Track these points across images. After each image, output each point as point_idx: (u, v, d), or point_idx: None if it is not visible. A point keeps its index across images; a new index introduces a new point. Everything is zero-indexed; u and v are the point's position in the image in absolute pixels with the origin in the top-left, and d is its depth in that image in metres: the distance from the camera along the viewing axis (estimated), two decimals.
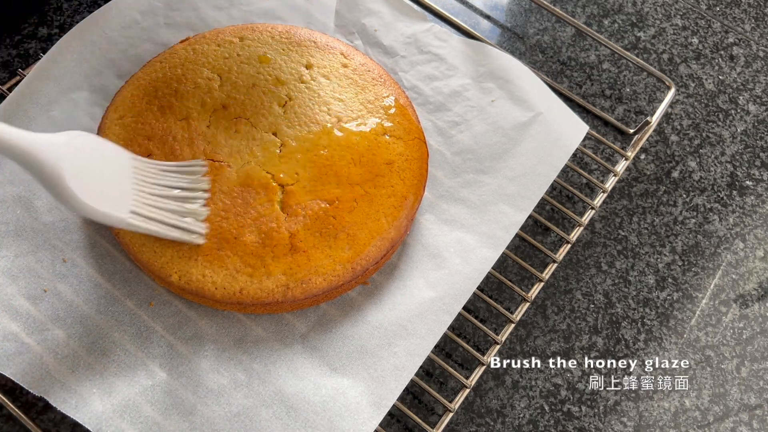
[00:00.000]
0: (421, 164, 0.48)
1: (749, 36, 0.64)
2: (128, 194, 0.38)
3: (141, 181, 0.39)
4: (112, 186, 0.37)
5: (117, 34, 0.53)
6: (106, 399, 0.41)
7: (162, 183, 0.40)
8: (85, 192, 0.35)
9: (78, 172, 0.34)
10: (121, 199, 0.37)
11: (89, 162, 0.36)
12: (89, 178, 0.35)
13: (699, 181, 0.57)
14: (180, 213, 0.40)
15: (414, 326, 0.45)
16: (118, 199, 0.37)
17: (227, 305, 0.44)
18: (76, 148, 0.35)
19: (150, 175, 0.40)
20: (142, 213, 0.38)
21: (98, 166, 0.36)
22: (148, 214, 0.39)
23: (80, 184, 0.34)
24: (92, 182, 0.35)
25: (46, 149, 0.33)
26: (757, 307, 0.52)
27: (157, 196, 0.40)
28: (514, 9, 0.64)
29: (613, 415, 0.48)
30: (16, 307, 0.43)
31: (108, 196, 0.36)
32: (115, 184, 0.37)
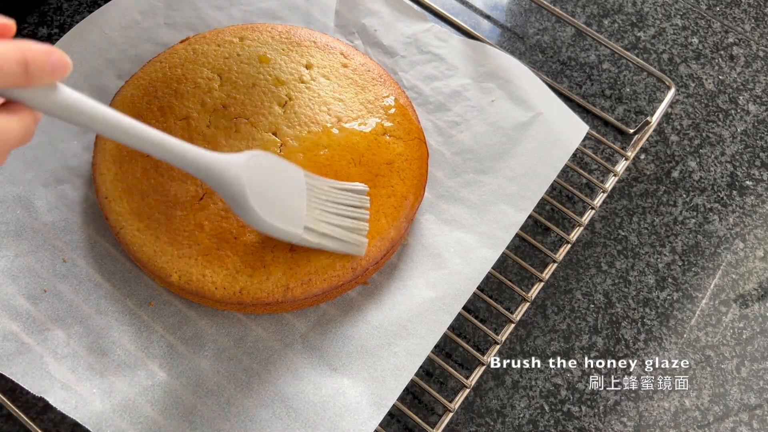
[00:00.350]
0: (421, 164, 0.48)
1: (749, 36, 0.64)
2: (302, 210, 0.40)
3: (314, 197, 0.41)
4: (288, 203, 0.39)
5: (117, 34, 0.53)
6: (106, 399, 0.41)
7: (333, 200, 0.42)
8: (264, 208, 0.37)
9: (258, 189, 0.37)
10: (296, 215, 0.40)
11: (267, 180, 0.38)
12: (268, 195, 0.38)
13: (699, 181, 0.57)
14: (347, 228, 0.42)
15: (414, 326, 0.45)
16: (293, 215, 0.39)
17: (227, 305, 0.44)
18: (256, 167, 0.38)
19: (322, 192, 0.42)
20: (315, 229, 0.41)
21: (275, 183, 0.39)
22: (320, 230, 0.41)
23: (260, 201, 0.37)
24: (270, 199, 0.38)
25: (232, 168, 0.36)
26: (757, 307, 0.52)
27: (326, 212, 0.42)
28: (514, 9, 0.64)
29: (613, 415, 0.48)
30: (16, 307, 0.43)
31: (284, 212, 0.39)
32: (291, 200, 0.40)
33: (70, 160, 0.49)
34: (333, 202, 0.42)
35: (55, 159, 0.48)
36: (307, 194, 0.41)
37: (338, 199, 0.43)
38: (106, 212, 0.45)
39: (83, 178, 0.49)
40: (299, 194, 0.40)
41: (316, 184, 0.42)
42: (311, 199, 0.41)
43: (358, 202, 0.43)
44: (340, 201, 0.43)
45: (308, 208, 0.41)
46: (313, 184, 0.42)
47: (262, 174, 0.38)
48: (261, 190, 0.37)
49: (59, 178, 0.48)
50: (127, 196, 0.45)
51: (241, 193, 0.36)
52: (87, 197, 0.48)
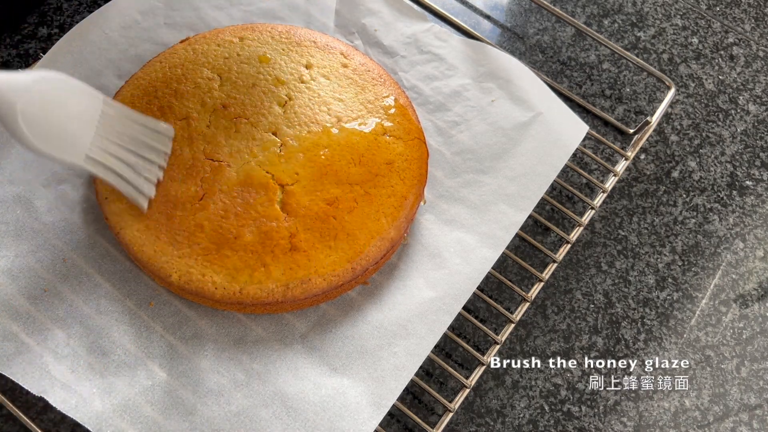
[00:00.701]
0: (421, 164, 0.48)
1: (749, 36, 0.64)
2: (88, 139, 0.39)
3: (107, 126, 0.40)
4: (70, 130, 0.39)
5: (117, 34, 0.53)
6: (106, 399, 0.41)
7: (127, 133, 0.41)
8: (38, 133, 0.37)
9: (35, 112, 0.36)
10: (79, 142, 0.39)
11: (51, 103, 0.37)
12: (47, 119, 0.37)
13: (699, 181, 0.57)
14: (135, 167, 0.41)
15: (414, 326, 0.45)
16: (75, 143, 0.39)
17: (227, 305, 0.44)
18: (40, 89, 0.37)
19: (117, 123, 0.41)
20: (99, 161, 0.40)
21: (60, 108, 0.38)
22: (103, 161, 0.40)
23: (34, 125, 0.36)
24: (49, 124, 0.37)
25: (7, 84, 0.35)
26: (757, 307, 0.52)
27: (117, 145, 0.41)
28: (514, 9, 0.64)
29: (613, 415, 0.48)
30: (16, 307, 0.43)
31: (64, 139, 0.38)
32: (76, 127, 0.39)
33: None
34: (128, 136, 0.41)
35: None
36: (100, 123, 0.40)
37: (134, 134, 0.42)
38: (106, 212, 0.45)
39: (83, 178, 0.49)
40: (88, 122, 0.40)
41: (114, 114, 0.41)
42: (105, 128, 0.40)
43: (156, 143, 0.42)
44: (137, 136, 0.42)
45: (98, 138, 0.40)
46: (110, 114, 0.41)
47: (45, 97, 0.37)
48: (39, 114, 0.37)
49: (59, 178, 0.48)
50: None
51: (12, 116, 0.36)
52: (87, 197, 0.48)
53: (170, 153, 0.43)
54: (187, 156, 0.45)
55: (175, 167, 0.45)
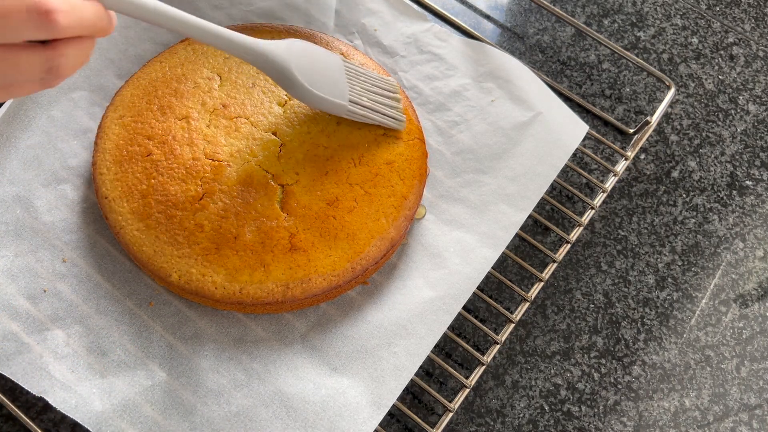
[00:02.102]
0: (421, 164, 0.48)
1: (749, 36, 0.64)
2: (345, 86, 0.45)
3: (353, 78, 0.46)
4: (331, 79, 0.44)
5: (117, 33, 0.53)
6: (106, 399, 0.41)
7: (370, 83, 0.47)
8: (311, 82, 0.42)
9: (303, 67, 0.42)
10: (340, 89, 0.45)
11: (309, 60, 0.43)
12: (312, 72, 0.43)
13: (699, 181, 0.57)
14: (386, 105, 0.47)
15: (414, 326, 0.45)
16: (337, 90, 0.44)
17: (227, 305, 0.44)
18: (297, 50, 0.42)
19: (360, 75, 0.47)
20: (359, 102, 0.45)
21: (317, 64, 0.44)
22: (364, 103, 0.46)
23: (306, 77, 0.42)
24: (315, 75, 0.43)
25: (277, 50, 0.41)
26: (757, 307, 0.52)
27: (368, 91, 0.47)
28: (514, 9, 0.64)
29: (613, 415, 0.48)
30: (16, 307, 0.43)
31: (329, 86, 0.44)
32: (333, 79, 0.44)
33: (70, 160, 0.49)
34: (370, 83, 0.47)
35: (55, 159, 0.48)
36: (346, 75, 0.45)
37: (373, 82, 0.48)
38: (106, 212, 0.45)
39: (83, 178, 0.49)
40: (339, 73, 0.45)
41: (353, 67, 0.47)
42: (350, 79, 0.46)
43: (390, 88, 0.48)
44: (376, 84, 0.48)
45: (349, 86, 0.45)
46: (351, 67, 0.46)
47: (303, 55, 0.43)
48: (305, 68, 0.42)
49: (59, 178, 0.48)
50: (127, 196, 0.45)
51: (289, 70, 0.41)
52: (87, 197, 0.48)
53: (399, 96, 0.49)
54: (187, 156, 0.45)
55: (175, 167, 0.45)
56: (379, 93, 0.47)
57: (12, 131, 0.48)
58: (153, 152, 0.46)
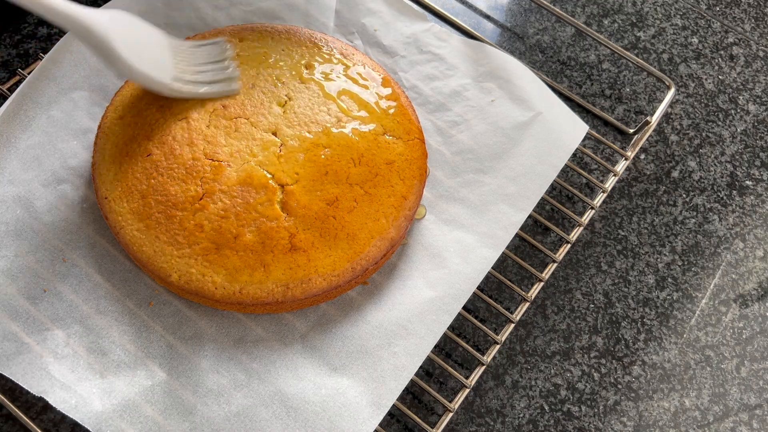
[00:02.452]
0: (421, 164, 0.48)
1: (749, 36, 0.64)
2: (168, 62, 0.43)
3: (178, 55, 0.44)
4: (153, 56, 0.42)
5: None
6: (106, 399, 0.41)
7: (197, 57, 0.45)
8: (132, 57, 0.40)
9: (124, 41, 0.39)
10: (163, 66, 0.42)
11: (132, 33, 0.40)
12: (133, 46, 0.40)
13: (699, 181, 0.57)
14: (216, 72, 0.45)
15: (414, 326, 0.45)
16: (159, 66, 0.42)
17: (227, 305, 0.44)
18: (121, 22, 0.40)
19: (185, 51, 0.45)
20: (183, 78, 0.43)
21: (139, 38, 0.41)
22: (189, 78, 0.44)
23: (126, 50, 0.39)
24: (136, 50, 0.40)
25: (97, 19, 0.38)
26: (757, 307, 0.52)
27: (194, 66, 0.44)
28: (514, 9, 0.64)
29: (613, 414, 0.48)
30: (16, 307, 0.43)
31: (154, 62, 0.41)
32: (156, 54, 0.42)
33: (70, 160, 0.49)
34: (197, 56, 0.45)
35: (55, 159, 0.48)
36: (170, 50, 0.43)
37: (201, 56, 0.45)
38: (106, 212, 0.45)
39: (83, 178, 0.49)
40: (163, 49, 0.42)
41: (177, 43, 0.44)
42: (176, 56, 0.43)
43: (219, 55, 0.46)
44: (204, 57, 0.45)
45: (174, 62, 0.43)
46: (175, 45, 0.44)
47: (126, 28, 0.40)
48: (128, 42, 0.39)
49: (59, 178, 0.48)
50: (127, 196, 0.45)
51: (108, 44, 0.38)
52: (87, 197, 0.48)
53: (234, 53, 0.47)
54: (187, 156, 0.45)
55: (175, 167, 0.45)
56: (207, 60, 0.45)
57: (12, 131, 0.48)
58: (153, 152, 0.46)
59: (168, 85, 0.42)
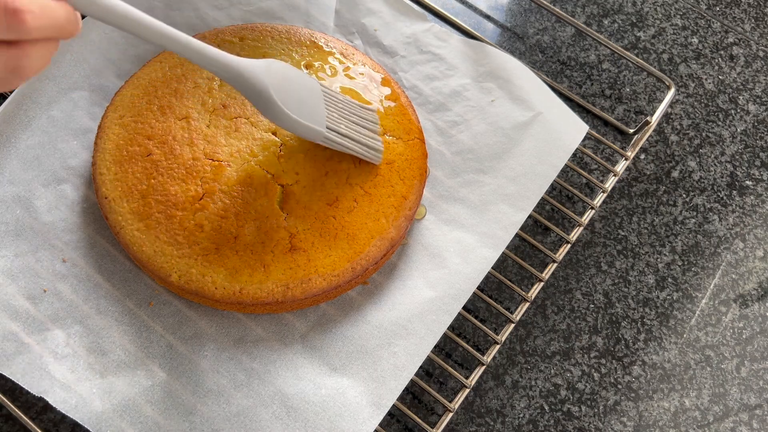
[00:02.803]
0: (421, 164, 0.48)
1: (749, 36, 0.64)
2: (322, 112, 0.43)
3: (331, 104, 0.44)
4: (308, 103, 0.42)
5: (117, 34, 0.53)
6: (106, 399, 0.41)
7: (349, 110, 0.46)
8: (288, 105, 0.40)
9: (280, 89, 0.40)
10: (317, 114, 0.43)
11: (287, 82, 0.41)
12: (290, 95, 0.41)
13: (699, 181, 0.57)
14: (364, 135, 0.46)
15: (414, 326, 0.45)
16: (314, 115, 0.43)
17: (227, 305, 0.44)
18: (276, 71, 0.41)
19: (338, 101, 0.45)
20: (336, 130, 0.44)
21: (295, 86, 0.42)
22: (341, 131, 0.44)
23: (284, 99, 0.40)
24: (293, 98, 0.41)
25: (256, 70, 0.39)
26: (757, 307, 0.52)
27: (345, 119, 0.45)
28: (514, 9, 0.64)
29: (613, 414, 0.48)
30: (16, 307, 0.43)
31: (306, 111, 0.42)
32: (311, 102, 0.43)
33: (70, 160, 0.49)
34: (349, 111, 0.46)
35: (55, 159, 0.48)
36: (324, 101, 0.44)
37: (352, 110, 0.46)
38: (106, 212, 0.45)
39: (83, 178, 0.49)
40: (317, 98, 0.43)
41: (332, 93, 0.45)
42: (328, 105, 0.44)
43: (370, 118, 0.47)
44: (355, 112, 0.46)
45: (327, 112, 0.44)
46: (329, 93, 0.45)
47: (282, 77, 0.41)
48: (283, 90, 0.40)
49: (59, 178, 0.48)
50: (127, 196, 0.45)
51: (267, 91, 0.39)
52: (87, 197, 0.48)
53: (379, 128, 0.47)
54: (187, 156, 0.45)
55: (175, 167, 0.45)
56: (358, 122, 0.46)
57: (12, 131, 0.48)
58: (153, 152, 0.46)
59: (322, 132, 0.43)
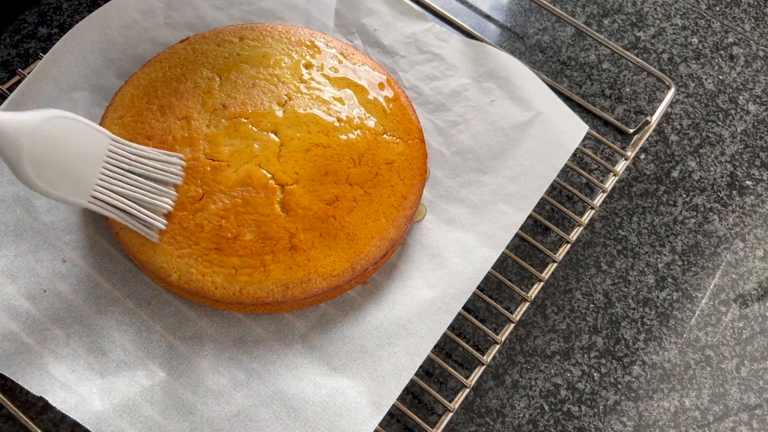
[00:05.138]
0: (421, 164, 0.48)
1: (749, 36, 0.64)
2: (92, 179, 0.40)
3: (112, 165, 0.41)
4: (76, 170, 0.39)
5: (117, 34, 0.53)
6: (106, 399, 0.41)
7: (134, 170, 0.42)
8: (43, 174, 0.37)
9: (40, 153, 0.37)
10: (85, 182, 0.40)
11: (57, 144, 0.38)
12: (52, 160, 0.38)
13: (699, 181, 0.57)
14: (143, 203, 0.42)
15: (414, 326, 0.45)
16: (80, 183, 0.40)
17: (227, 305, 0.44)
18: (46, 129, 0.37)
19: (124, 160, 0.42)
20: (102, 199, 0.41)
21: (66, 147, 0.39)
22: (108, 200, 0.41)
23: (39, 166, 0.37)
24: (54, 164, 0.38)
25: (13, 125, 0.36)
26: (757, 306, 0.52)
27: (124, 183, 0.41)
28: (514, 9, 0.64)
29: (613, 414, 0.48)
30: (16, 306, 0.43)
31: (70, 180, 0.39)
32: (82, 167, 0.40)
33: None
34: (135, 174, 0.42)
35: None
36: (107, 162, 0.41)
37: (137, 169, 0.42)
38: None
39: None
40: (93, 162, 0.40)
41: (121, 152, 0.41)
42: (111, 167, 0.41)
43: (160, 174, 0.42)
44: (139, 171, 0.42)
45: (104, 177, 0.40)
46: (117, 152, 0.41)
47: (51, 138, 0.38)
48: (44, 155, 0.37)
49: None
50: None
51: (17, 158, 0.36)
52: None
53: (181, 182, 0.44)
54: (187, 156, 0.45)
55: None
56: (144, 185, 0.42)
57: None
58: None
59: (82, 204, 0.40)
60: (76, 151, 0.39)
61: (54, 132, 0.38)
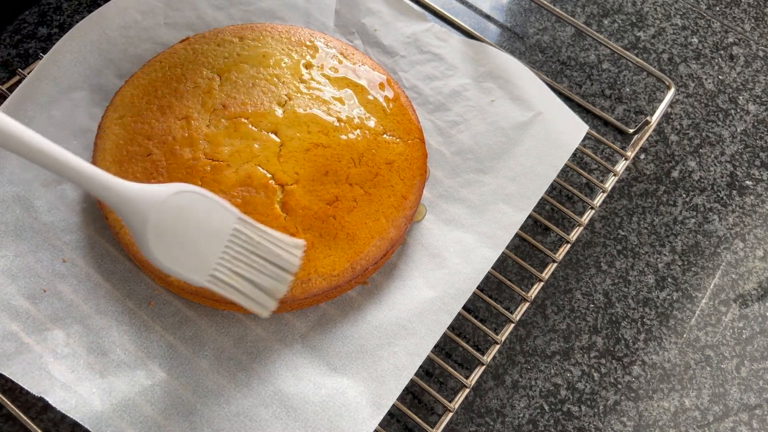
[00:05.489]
0: (421, 164, 0.48)
1: (749, 36, 0.64)
2: (213, 258, 0.39)
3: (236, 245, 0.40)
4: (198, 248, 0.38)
5: (117, 34, 0.53)
6: (106, 399, 0.41)
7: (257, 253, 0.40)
8: (165, 248, 0.37)
9: (165, 229, 0.37)
10: (204, 261, 0.38)
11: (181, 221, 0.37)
12: (175, 237, 0.37)
13: (699, 181, 0.57)
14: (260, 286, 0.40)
15: (414, 326, 0.45)
16: (199, 261, 0.38)
17: (227, 305, 0.44)
18: (173, 208, 0.37)
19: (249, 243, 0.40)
20: (223, 280, 0.39)
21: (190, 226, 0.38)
22: (227, 280, 0.39)
23: (162, 243, 0.37)
24: (178, 240, 0.37)
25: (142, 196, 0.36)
26: (757, 306, 0.52)
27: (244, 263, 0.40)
28: (514, 9, 0.64)
29: (613, 414, 0.48)
30: (16, 306, 0.43)
31: (190, 257, 0.38)
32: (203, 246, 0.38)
33: None
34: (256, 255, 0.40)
35: None
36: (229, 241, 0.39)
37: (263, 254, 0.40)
38: (106, 212, 0.45)
39: None
40: (217, 240, 0.39)
41: (246, 232, 0.40)
42: (233, 247, 0.39)
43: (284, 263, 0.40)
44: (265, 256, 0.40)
45: (225, 256, 0.39)
46: (242, 232, 0.40)
47: (178, 214, 0.37)
48: (169, 229, 0.37)
49: (59, 178, 0.48)
50: None
51: (143, 230, 0.36)
52: (87, 197, 0.48)
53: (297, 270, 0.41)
54: (187, 156, 0.45)
55: (174, 167, 0.45)
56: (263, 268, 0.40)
57: None
58: (153, 152, 0.46)
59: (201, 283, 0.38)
60: (200, 228, 0.38)
61: (182, 206, 0.37)
